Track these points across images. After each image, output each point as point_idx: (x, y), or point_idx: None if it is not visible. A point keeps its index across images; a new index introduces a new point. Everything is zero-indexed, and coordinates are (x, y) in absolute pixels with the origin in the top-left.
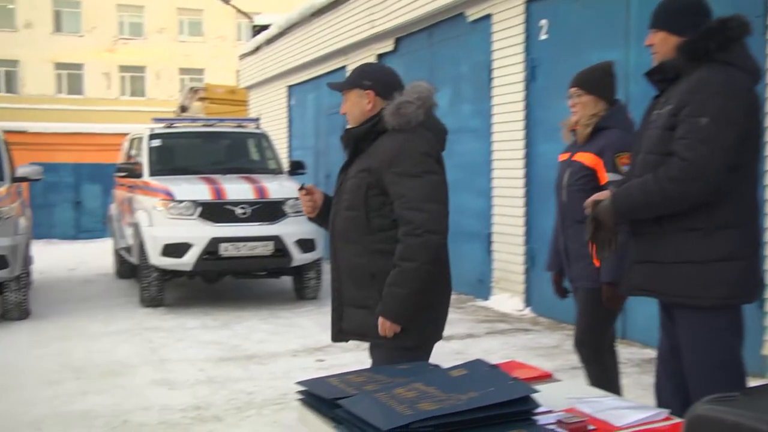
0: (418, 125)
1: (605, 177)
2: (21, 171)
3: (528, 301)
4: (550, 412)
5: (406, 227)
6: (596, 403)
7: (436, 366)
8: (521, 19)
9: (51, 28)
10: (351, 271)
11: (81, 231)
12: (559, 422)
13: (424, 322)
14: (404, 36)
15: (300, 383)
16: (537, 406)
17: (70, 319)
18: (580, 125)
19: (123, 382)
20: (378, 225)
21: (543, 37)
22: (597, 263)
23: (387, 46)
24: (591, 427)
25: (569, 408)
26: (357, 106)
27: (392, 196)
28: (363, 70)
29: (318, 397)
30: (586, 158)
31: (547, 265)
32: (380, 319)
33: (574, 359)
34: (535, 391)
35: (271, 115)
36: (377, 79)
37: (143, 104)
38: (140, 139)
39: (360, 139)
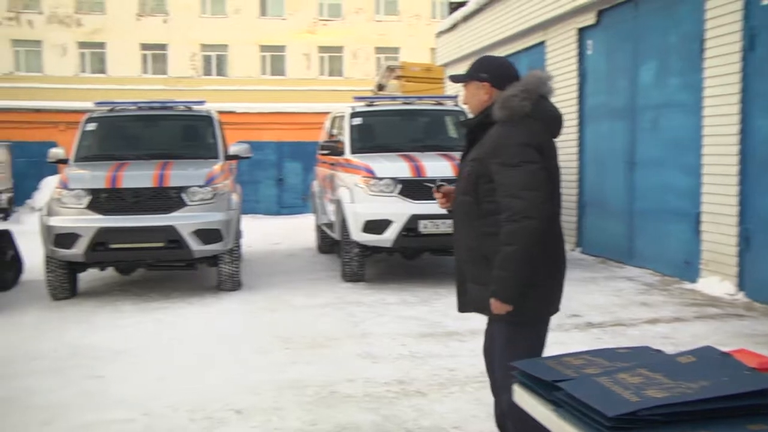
0: (523, 116)
1: None
2: (233, 149)
3: (741, 285)
4: None
5: (506, 213)
6: None
7: (659, 351)
8: None
9: (257, 13)
10: (468, 250)
11: (283, 207)
12: None
13: (535, 299)
14: (607, 8)
15: (516, 364)
16: None
17: (278, 292)
18: None
19: (328, 353)
20: (487, 210)
21: (765, 2)
22: None
23: (588, 19)
24: None
25: None
26: (475, 97)
27: (496, 185)
28: (480, 63)
29: (536, 378)
30: None
31: None
32: (492, 300)
33: None
34: None
35: None
36: (493, 71)
37: (341, 84)
38: (341, 117)
39: (474, 129)
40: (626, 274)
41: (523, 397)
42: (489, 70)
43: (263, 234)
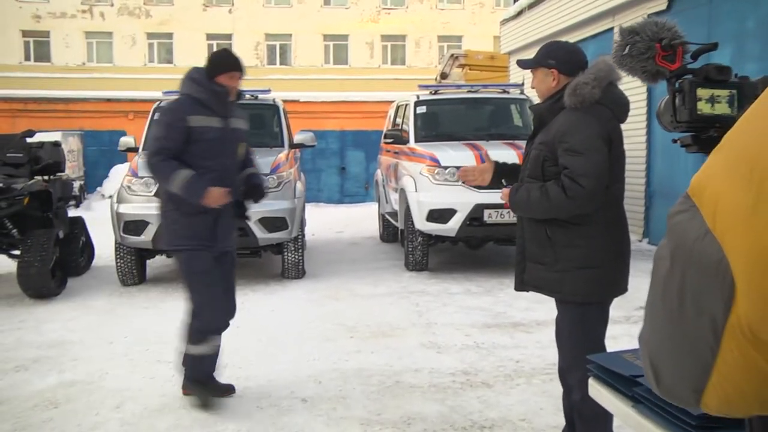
0: (593, 103)
1: None
2: (297, 138)
3: None
4: None
5: (561, 188)
6: None
7: None
8: None
9: (320, 2)
10: (532, 231)
11: (345, 195)
12: None
13: (593, 279)
14: None
15: (593, 357)
16: None
17: (341, 280)
18: None
19: (393, 343)
20: None
21: None
22: None
23: (660, 4)
24: None
25: None
26: (543, 83)
27: (560, 167)
28: (548, 49)
29: (614, 373)
30: None
31: None
32: (504, 190)
33: None
34: None
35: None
36: (560, 58)
37: (403, 72)
38: (406, 106)
39: (543, 114)
40: None
41: (599, 392)
42: (557, 56)
43: (326, 222)
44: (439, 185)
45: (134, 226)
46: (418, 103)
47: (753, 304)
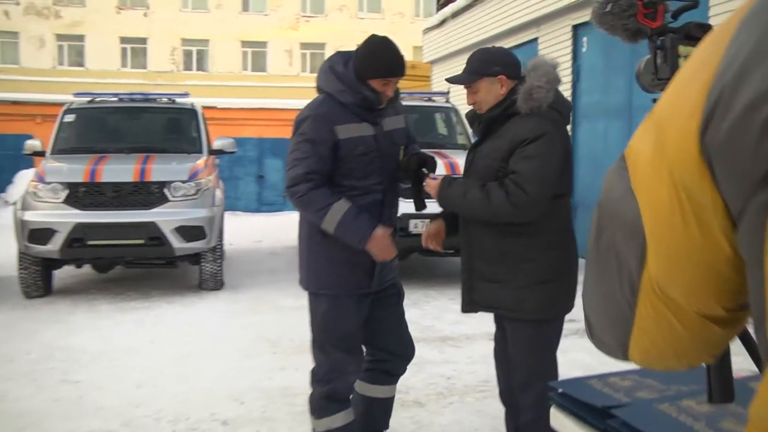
0: (547, 107)
1: None
2: (217, 144)
3: None
4: None
5: (507, 193)
6: None
7: None
8: None
9: (239, 8)
10: (483, 247)
11: (263, 204)
12: None
13: (553, 295)
14: None
15: (555, 384)
16: None
17: (262, 292)
18: None
19: None
20: None
21: None
22: None
23: (585, 15)
24: None
25: None
26: (491, 93)
27: (509, 171)
28: (488, 59)
29: (582, 403)
30: None
31: None
32: (432, 182)
33: None
34: None
35: (455, 90)
36: (505, 63)
37: None
38: None
39: (492, 123)
40: None
41: (563, 423)
42: (501, 62)
43: (244, 231)
44: None
45: (40, 234)
46: None
47: (658, 262)
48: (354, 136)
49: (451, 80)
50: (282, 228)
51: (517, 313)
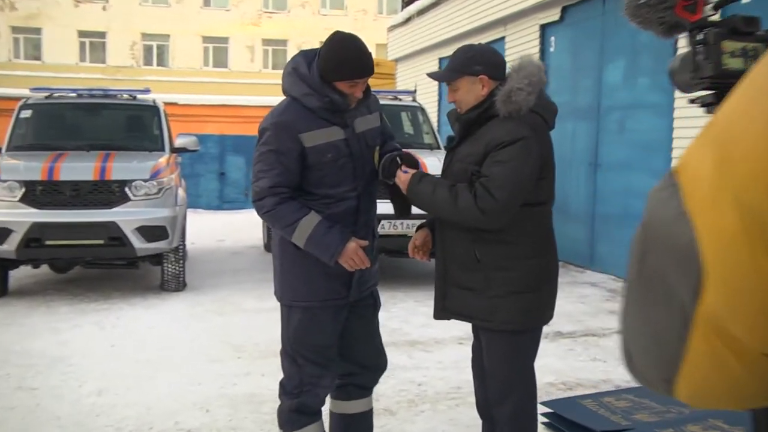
0: (528, 111)
1: None
2: (179, 141)
3: None
4: None
5: (475, 198)
6: None
7: None
8: None
9: (200, 3)
10: (456, 253)
11: (224, 202)
12: None
13: (528, 305)
14: (573, 4)
15: (546, 404)
16: None
17: (225, 293)
18: None
19: None
20: None
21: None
22: None
23: (552, 15)
24: None
25: None
26: (471, 93)
27: (482, 173)
28: (470, 57)
29: (577, 425)
30: None
31: None
32: (403, 175)
33: None
34: None
35: (420, 89)
36: (487, 62)
37: None
38: None
39: (470, 125)
40: (589, 280)
41: None
42: (483, 60)
43: (205, 230)
44: None
45: None
46: None
47: (721, 294)
48: (321, 143)
49: (432, 76)
50: (244, 226)
51: (490, 323)
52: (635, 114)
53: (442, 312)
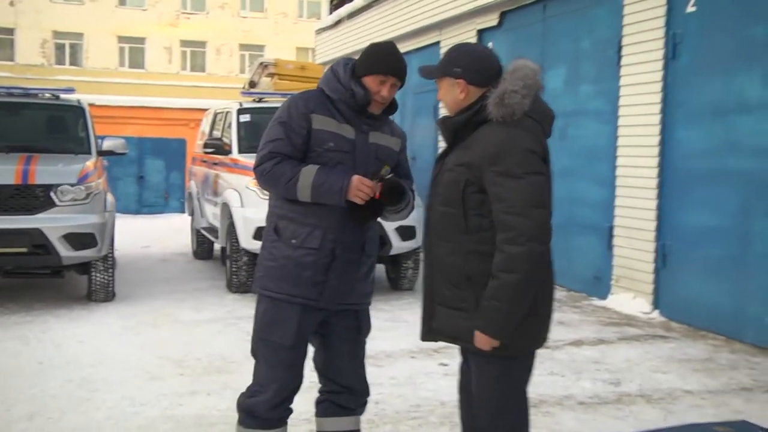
0: (523, 116)
1: None
2: (107, 144)
3: (656, 303)
4: None
5: (506, 234)
6: None
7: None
8: None
9: (115, 2)
10: (444, 270)
11: (143, 206)
12: None
13: (523, 330)
14: (512, 10)
15: None
16: None
17: (158, 304)
18: None
19: (231, 381)
20: (476, 224)
21: (690, 9)
22: None
23: (490, 20)
24: None
25: None
26: (449, 95)
27: (491, 198)
28: (453, 57)
29: None
30: None
31: None
32: (477, 333)
33: (739, 377)
34: None
35: None
36: (468, 66)
37: (204, 80)
38: (225, 113)
39: (459, 129)
40: None
41: None
42: (463, 63)
43: (127, 235)
44: (267, 201)
45: None
46: (240, 111)
47: None
48: (327, 130)
49: (420, 70)
50: (168, 232)
51: (472, 346)
52: (578, 121)
53: (428, 333)
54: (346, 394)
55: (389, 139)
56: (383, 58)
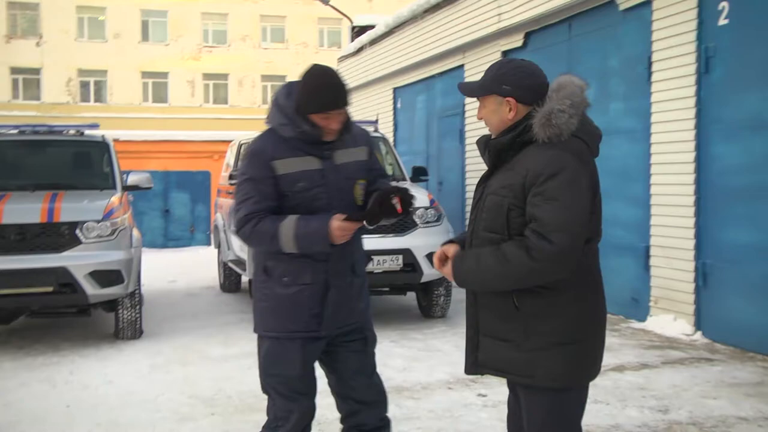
0: (570, 136)
1: None
2: (132, 179)
3: (698, 325)
4: None
5: (528, 250)
6: None
7: None
8: (693, 2)
9: (138, 38)
10: (491, 299)
11: (169, 239)
12: None
13: (574, 358)
14: (536, 30)
15: None
16: None
17: (187, 340)
18: None
19: (263, 419)
20: None
21: (723, 22)
22: None
23: (515, 41)
24: None
25: None
26: (496, 114)
27: (528, 216)
28: (501, 73)
29: None
30: None
31: None
32: (449, 263)
33: None
34: None
35: (382, 120)
36: (518, 84)
37: (226, 112)
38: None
39: (502, 151)
40: None
41: None
42: (513, 81)
43: (154, 270)
44: None
45: None
46: None
47: None
48: (293, 172)
49: (461, 87)
50: (194, 265)
51: (531, 379)
52: (609, 140)
53: (474, 367)
54: (364, 410)
55: (354, 152)
56: (322, 95)
